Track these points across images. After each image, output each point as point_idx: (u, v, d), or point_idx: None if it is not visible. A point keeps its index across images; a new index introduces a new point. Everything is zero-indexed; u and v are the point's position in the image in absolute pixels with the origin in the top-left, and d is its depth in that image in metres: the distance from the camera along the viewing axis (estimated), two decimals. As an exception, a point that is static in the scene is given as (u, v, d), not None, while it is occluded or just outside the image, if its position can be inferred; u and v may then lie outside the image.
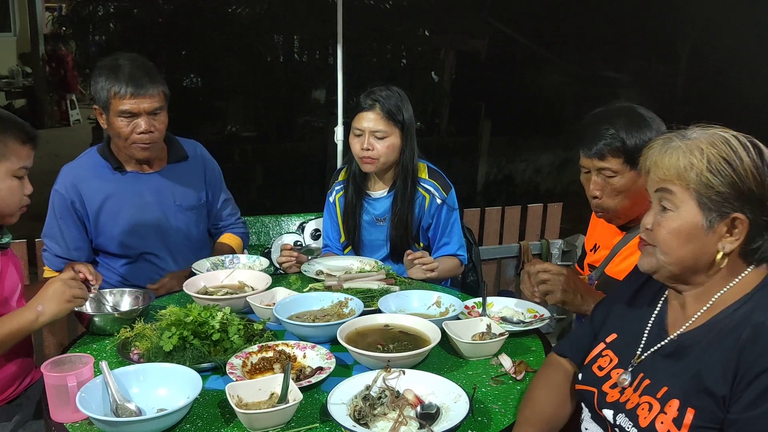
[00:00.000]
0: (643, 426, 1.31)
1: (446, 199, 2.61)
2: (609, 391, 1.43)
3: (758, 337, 1.22)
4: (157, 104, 2.34)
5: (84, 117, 12.52)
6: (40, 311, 1.80)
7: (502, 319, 2.03)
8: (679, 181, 1.30)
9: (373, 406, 1.49)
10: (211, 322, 1.77)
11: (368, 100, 2.51)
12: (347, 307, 2.04)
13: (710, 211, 1.28)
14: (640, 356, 1.42)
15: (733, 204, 1.26)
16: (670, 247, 1.33)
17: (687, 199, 1.30)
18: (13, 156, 1.90)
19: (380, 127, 2.49)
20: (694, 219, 1.29)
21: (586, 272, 2.23)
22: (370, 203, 2.66)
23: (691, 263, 1.33)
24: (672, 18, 10.02)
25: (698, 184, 1.27)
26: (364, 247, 2.70)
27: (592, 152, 1.90)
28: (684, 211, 1.30)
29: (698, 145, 1.29)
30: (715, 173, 1.26)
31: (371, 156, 2.51)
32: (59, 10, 13.09)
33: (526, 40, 11.04)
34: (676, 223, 1.31)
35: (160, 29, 8.61)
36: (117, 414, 1.49)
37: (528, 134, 10.07)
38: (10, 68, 12.74)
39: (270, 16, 8.90)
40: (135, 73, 2.30)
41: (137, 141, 2.35)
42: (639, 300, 1.52)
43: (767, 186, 1.26)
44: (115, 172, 2.46)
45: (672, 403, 1.29)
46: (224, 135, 9.01)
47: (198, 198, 2.61)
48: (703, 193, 1.27)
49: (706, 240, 1.29)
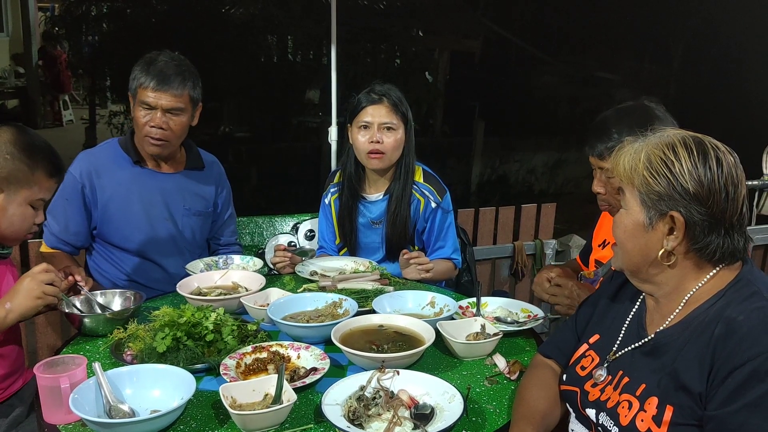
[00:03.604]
0: (624, 424, 1.33)
1: (441, 203, 2.60)
2: (590, 390, 1.46)
3: (730, 332, 1.25)
4: (177, 104, 2.38)
5: (77, 117, 12.48)
6: (8, 308, 1.78)
7: (497, 319, 2.03)
8: (627, 181, 1.37)
9: (367, 407, 1.49)
10: (205, 323, 1.77)
11: (373, 94, 2.52)
12: (341, 308, 2.04)
13: (650, 209, 1.33)
14: (615, 353, 1.45)
15: (668, 202, 1.31)
16: (621, 243, 1.41)
17: (632, 198, 1.36)
18: (36, 186, 1.91)
19: (391, 119, 2.50)
20: (637, 217, 1.36)
21: (591, 267, 2.24)
22: (366, 206, 2.66)
23: (639, 259, 1.38)
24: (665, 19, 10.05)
25: (640, 183, 1.34)
26: (360, 250, 2.69)
27: (594, 152, 1.94)
28: (631, 209, 1.37)
29: (644, 147, 1.35)
30: (653, 173, 1.31)
31: (379, 149, 2.50)
32: (52, 10, 13.03)
33: (520, 40, 11.06)
34: (626, 220, 1.38)
35: (153, 29, 8.59)
36: (110, 415, 1.49)
37: (522, 135, 10.10)
38: (3, 68, 12.68)
39: (264, 17, 8.89)
40: (166, 69, 2.36)
41: (149, 134, 2.39)
42: (619, 299, 1.55)
43: (705, 185, 1.28)
44: (134, 166, 2.50)
45: (651, 400, 1.31)
46: (218, 135, 9.00)
47: (206, 206, 2.65)
48: (644, 192, 1.33)
49: (649, 238, 1.35)
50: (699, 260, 1.34)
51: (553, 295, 2.01)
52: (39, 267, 1.85)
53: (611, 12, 9.83)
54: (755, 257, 4.28)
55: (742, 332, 1.23)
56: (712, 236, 1.30)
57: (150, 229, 2.51)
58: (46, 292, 1.81)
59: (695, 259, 1.34)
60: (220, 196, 2.71)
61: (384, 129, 2.50)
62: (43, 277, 1.82)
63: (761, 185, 4.09)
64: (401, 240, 2.60)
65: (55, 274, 1.86)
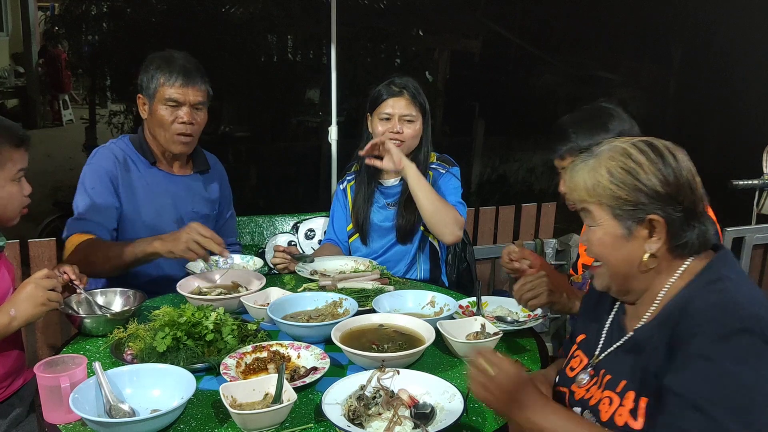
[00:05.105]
0: (604, 420, 1.35)
1: (450, 169, 2.69)
2: (576, 390, 1.49)
3: (687, 311, 1.28)
4: (201, 98, 2.44)
5: (77, 117, 12.48)
6: (13, 315, 1.77)
7: (497, 319, 2.03)
8: (591, 199, 1.38)
9: (367, 406, 1.49)
10: (205, 323, 1.77)
11: (394, 87, 2.60)
12: (341, 307, 2.04)
13: (625, 219, 1.35)
14: (598, 356, 1.48)
15: (644, 208, 1.32)
16: (604, 259, 1.41)
17: (603, 214, 1.37)
18: (8, 162, 1.89)
19: (410, 111, 2.58)
20: (613, 230, 1.37)
21: (580, 272, 2.24)
22: (382, 191, 2.72)
23: (626, 270, 1.39)
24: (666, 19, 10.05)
25: (607, 197, 1.35)
26: (372, 233, 2.71)
27: (557, 155, 2.00)
28: (604, 224, 1.38)
29: (600, 162, 1.37)
30: (619, 184, 1.33)
31: (399, 139, 2.57)
32: (52, 10, 13.04)
33: (520, 40, 11.06)
34: (599, 235, 1.39)
35: (153, 29, 8.57)
36: (110, 415, 1.49)
37: (522, 134, 10.09)
38: (3, 68, 12.69)
39: (264, 16, 8.88)
40: (187, 65, 2.41)
41: (179, 131, 2.41)
42: (602, 300, 1.57)
43: (671, 182, 1.31)
44: (151, 167, 2.51)
45: (629, 395, 1.33)
46: (218, 135, 8.99)
47: (212, 209, 2.67)
48: (614, 205, 1.35)
49: (631, 246, 1.36)
50: (673, 257, 1.36)
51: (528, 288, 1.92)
52: (41, 273, 1.83)
53: (611, 12, 9.83)
54: (755, 257, 4.27)
55: (696, 312, 1.26)
56: (688, 230, 1.33)
57: (158, 231, 2.48)
58: (50, 298, 1.80)
59: (669, 258, 1.36)
60: (223, 196, 2.72)
61: (404, 121, 2.58)
62: (46, 283, 1.80)
63: (761, 185, 4.09)
64: (412, 221, 2.64)
65: (57, 279, 1.85)
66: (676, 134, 5.92)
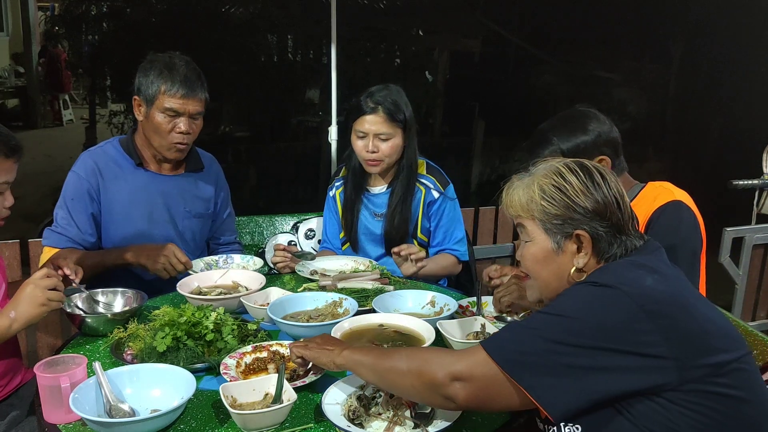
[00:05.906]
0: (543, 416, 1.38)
1: (445, 192, 2.64)
2: None
3: None
4: (200, 108, 2.42)
5: (77, 117, 12.48)
6: (13, 317, 1.75)
7: (497, 319, 2.03)
8: (525, 214, 1.46)
9: (367, 406, 1.49)
10: (205, 323, 1.77)
11: (370, 102, 2.52)
12: (341, 307, 2.05)
13: (555, 234, 1.42)
14: None
15: (572, 223, 1.40)
16: (535, 273, 1.49)
17: (535, 228, 1.45)
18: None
19: (384, 130, 2.51)
20: (544, 244, 1.44)
21: None
22: (370, 199, 2.69)
23: (556, 284, 1.45)
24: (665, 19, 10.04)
25: (539, 212, 1.43)
26: (362, 243, 2.70)
27: (539, 158, 2.01)
28: (536, 239, 1.46)
29: (534, 179, 1.45)
30: (549, 200, 1.41)
31: (376, 158, 2.54)
32: (52, 10, 13.03)
33: (520, 40, 11.05)
34: (532, 250, 1.47)
35: (153, 29, 8.57)
36: (110, 415, 1.49)
37: (522, 134, 10.07)
38: (3, 68, 12.69)
39: (263, 16, 8.87)
40: (190, 75, 2.39)
41: (176, 140, 2.41)
42: None
43: (599, 200, 1.39)
44: (137, 168, 2.50)
45: None
46: (217, 135, 8.99)
47: (207, 207, 2.66)
48: (545, 220, 1.42)
49: (560, 260, 1.43)
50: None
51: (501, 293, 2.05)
52: (40, 273, 1.81)
53: (611, 12, 9.81)
54: (755, 257, 4.26)
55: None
56: (614, 245, 1.39)
57: (150, 231, 2.50)
58: (50, 298, 1.78)
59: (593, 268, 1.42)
60: (219, 196, 2.71)
61: (380, 139, 2.52)
62: (45, 282, 1.78)
63: (761, 185, 4.09)
64: (401, 235, 2.61)
65: (57, 279, 1.82)
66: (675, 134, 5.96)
